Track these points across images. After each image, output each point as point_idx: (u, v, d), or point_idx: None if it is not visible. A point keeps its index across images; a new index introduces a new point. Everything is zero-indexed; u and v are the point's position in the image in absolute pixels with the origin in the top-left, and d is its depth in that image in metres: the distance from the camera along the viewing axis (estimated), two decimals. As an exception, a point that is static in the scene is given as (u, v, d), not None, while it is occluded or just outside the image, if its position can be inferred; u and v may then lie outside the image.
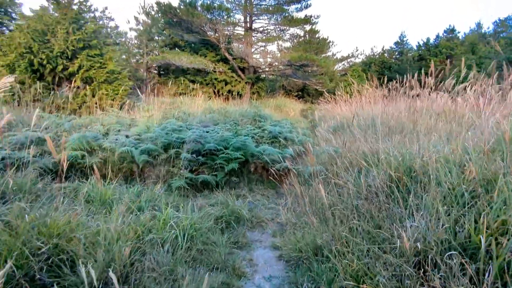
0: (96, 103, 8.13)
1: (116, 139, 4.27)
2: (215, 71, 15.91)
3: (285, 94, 20.59)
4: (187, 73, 16.79)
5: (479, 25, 28.04)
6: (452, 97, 5.12)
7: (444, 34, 25.75)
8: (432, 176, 2.28)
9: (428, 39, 25.85)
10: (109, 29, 22.55)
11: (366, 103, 7.23)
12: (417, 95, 6.17)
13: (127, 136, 4.87)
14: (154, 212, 2.79)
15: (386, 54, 28.94)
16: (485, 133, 2.56)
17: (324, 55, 22.72)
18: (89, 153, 4.25)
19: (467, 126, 3.50)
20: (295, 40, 23.06)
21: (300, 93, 20.54)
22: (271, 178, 4.36)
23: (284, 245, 2.73)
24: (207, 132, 5.00)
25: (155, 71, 19.86)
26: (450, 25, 35.78)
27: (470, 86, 4.80)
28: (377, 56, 29.00)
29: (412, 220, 2.08)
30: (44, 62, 7.94)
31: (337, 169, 3.81)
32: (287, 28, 16.51)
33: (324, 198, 2.89)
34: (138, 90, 11.12)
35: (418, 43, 27.93)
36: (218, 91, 16.13)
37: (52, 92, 7.82)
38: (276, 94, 19.80)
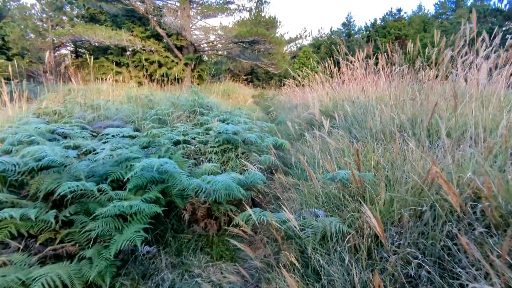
0: None
1: None
2: (144, 50, 12.83)
3: (232, 78, 18.16)
4: (110, 52, 13.43)
5: (420, 8, 28.32)
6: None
7: (388, 17, 25.34)
8: None
9: (375, 20, 25.33)
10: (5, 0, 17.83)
11: (348, 84, 5.25)
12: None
13: None
14: None
15: (333, 36, 28.05)
16: None
17: (272, 35, 20.63)
18: None
19: None
20: (239, 20, 20.62)
21: (249, 76, 18.30)
22: (227, 234, 2.11)
23: None
24: (103, 138, 2.48)
25: (70, 52, 15.95)
26: (391, 8, 36.27)
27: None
28: (326, 37, 27.96)
29: None
30: None
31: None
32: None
33: None
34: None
35: (366, 24, 27.49)
36: (151, 75, 13.12)
37: None
38: (222, 79, 17.28)
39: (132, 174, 1.85)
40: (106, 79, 10.55)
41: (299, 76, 7.38)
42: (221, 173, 2.49)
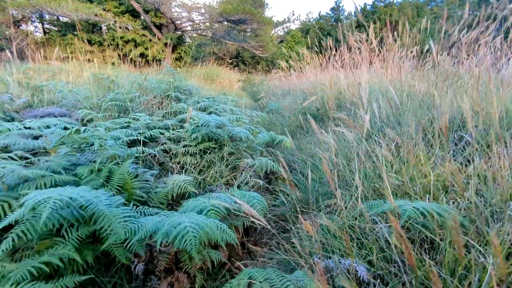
0: None
1: None
2: (120, 27, 11.52)
3: (217, 61, 17.02)
4: (79, 29, 12.00)
5: (410, -7, 27.60)
6: None
7: (377, 3, 24.55)
8: None
9: (365, 5, 24.51)
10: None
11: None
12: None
13: None
14: None
15: (322, 21, 27.15)
16: None
17: (260, 14, 19.43)
18: None
19: None
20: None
21: (235, 60, 17.20)
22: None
23: None
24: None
25: (35, 27, 14.32)
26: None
27: None
28: (314, 22, 27.01)
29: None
30: None
31: None
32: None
33: None
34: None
35: (356, 8, 26.68)
36: (126, 55, 11.83)
37: None
38: (206, 62, 16.13)
39: (8, 222, 0.94)
40: (70, 58, 9.25)
41: (297, 54, 6.49)
42: (197, 194, 1.61)
